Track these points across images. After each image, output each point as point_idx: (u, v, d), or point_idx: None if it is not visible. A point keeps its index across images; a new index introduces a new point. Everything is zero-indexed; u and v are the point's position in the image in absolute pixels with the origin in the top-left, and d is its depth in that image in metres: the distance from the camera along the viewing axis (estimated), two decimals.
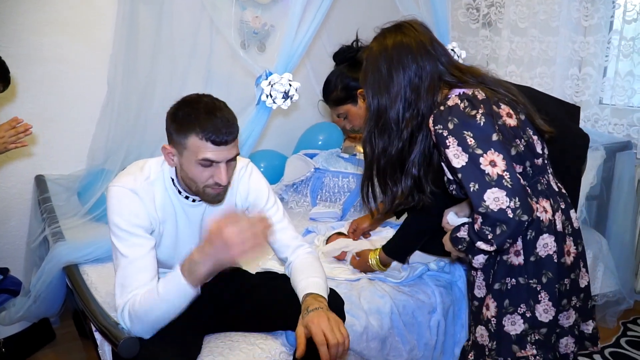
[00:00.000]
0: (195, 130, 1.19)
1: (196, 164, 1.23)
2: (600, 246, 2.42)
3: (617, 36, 2.44)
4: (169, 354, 1.19)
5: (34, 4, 2.25)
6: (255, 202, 1.47)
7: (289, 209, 2.65)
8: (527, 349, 1.24)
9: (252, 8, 2.78)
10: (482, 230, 1.12)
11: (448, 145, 1.15)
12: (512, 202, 1.08)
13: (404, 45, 1.28)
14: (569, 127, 1.68)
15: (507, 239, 1.11)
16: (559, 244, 1.24)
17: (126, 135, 2.31)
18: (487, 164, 1.11)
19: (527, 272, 1.24)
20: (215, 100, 1.27)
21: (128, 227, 1.26)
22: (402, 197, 1.34)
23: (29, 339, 2.15)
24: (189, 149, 1.22)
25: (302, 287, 1.35)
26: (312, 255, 1.48)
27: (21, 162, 2.35)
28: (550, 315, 1.24)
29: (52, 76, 2.35)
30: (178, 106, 1.26)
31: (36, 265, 2.06)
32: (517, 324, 1.25)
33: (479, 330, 1.33)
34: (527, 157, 1.22)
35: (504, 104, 1.22)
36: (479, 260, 1.22)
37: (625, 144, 2.48)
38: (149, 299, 1.19)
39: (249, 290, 1.51)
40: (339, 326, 1.21)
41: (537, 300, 1.24)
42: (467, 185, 1.13)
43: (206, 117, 1.20)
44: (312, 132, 3.03)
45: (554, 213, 1.24)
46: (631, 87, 2.46)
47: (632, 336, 2.36)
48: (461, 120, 1.15)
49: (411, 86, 1.26)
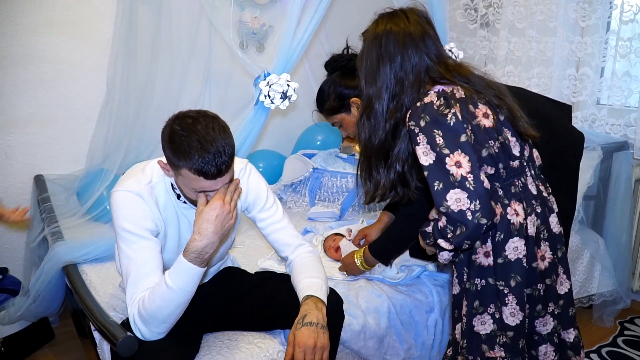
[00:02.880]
0: (188, 165, 1.16)
1: (191, 190, 1.24)
2: (597, 246, 2.43)
3: (614, 37, 2.45)
4: (167, 353, 1.20)
5: (32, 3, 2.26)
6: (254, 202, 1.48)
7: (287, 209, 2.66)
8: (495, 350, 1.23)
9: (250, 8, 2.79)
10: (445, 228, 1.13)
11: (418, 142, 1.16)
12: (473, 205, 1.08)
13: (392, 35, 1.27)
14: (564, 126, 1.69)
15: (465, 240, 1.12)
16: (529, 248, 1.22)
17: (125, 135, 2.31)
18: (453, 164, 1.11)
19: (495, 273, 1.23)
20: (210, 125, 1.19)
21: (136, 230, 1.26)
22: (384, 188, 1.34)
23: (28, 339, 2.16)
24: (183, 176, 1.20)
25: (302, 286, 1.36)
26: (313, 255, 1.49)
27: (20, 162, 2.35)
28: (517, 319, 1.22)
29: (51, 76, 2.36)
30: (172, 131, 1.19)
31: (35, 265, 2.06)
32: (486, 323, 1.24)
33: (457, 328, 1.33)
34: (500, 159, 1.21)
35: (482, 103, 1.21)
36: (444, 257, 1.22)
37: (622, 144, 2.49)
38: (157, 293, 1.19)
39: (247, 289, 1.52)
40: (323, 352, 1.24)
41: (504, 302, 1.22)
42: (431, 184, 1.14)
43: (200, 152, 1.15)
44: (311, 132, 3.04)
45: (526, 217, 1.22)
46: (628, 88, 2.46)
47: (629, 335, 2.37)
48: (432, 118, 1.15)
49: (396, 78, 1.26)
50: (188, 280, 1.20)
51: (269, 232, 1.50)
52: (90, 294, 1.58)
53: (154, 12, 2.32)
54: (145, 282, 1.23)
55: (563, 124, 1.69)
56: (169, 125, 1.21)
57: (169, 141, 1.19)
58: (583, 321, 2.48)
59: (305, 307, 1.29)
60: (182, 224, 1.38)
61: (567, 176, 1.63)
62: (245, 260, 1.93)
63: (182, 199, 1.36)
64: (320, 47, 2.98)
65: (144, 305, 1.20)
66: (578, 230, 2.40)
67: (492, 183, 1.21)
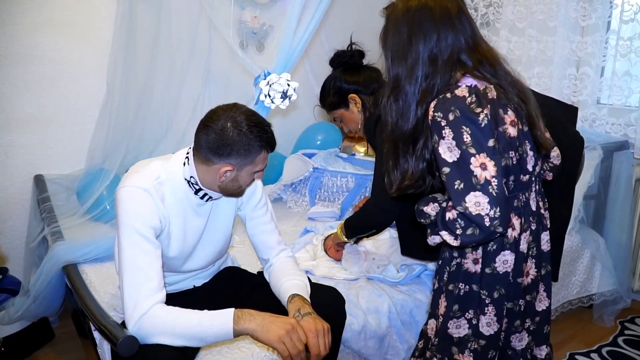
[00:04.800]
0: (259, 144, 1.27)
1: (252, 174, 1.33)
2: (597, 245, 2.43)
3: (615, 36, 2.45)
4: (168, 352, 1.19)
5: (32, 3, 2.26)
6: (249, 199, 1.49)
7: (287, 209, 2.66)
8: (464, 355, 1.21)
9: (250, 8, 2.78)
10: (454, 222, 1.07)
11: (443, 136, 1.09)
12: (492, 211, 1.04)
13: (428, 10, 1.16)
14: (565, 128, 1.69)
15: (473, 242, 1.08)
16: (517, 264, 1.19)
17: (125, 135, 2.31)
18: (478, 165, 1.05)
19: (480, 281, 1.20)
20: (242, 109, 1.29)
21: (141, 229, 1.24)
22: (411, 177, 1.21)
23: (28, 338, 2.16)
24: (255, 163, 1.30)
25: (288, 286, 1.39)
26: (293, 259, 1.54)
27: (20, 161, 2.35)
28: (492, 329, 1.20)
29: (51, 76, 2.35)
30: (224, 133, 1.24)
31: (35, 265, 2.06)
32: (461, 327, 1.22)
33: (430, 323, 1.31)
34: (514, 172, 1.16)
35: (511, 109, 1.15)
36: (434, 240, 1.18)
37: (623, 144, 2.49)
38: (184, 320, 1.19)
39: (249, 289, 1.52)
40: (329, 334, 1.27)
41: (484, 312, 1.20)
42: (451, 182, 1.07)
43: (258, 129, 1.26)
44: (311, 131, 3.04)
45: (521, 232, 1.19)
46: (628, 87, 2.46)
47: (630, 335, 2.37)
48: (463, 113, 1.08)
49: (430, 57, 1.16)
50: (213, 329, 1.20)
51: (256, 232, 1.52)
52: (91, 294, 1.58)
53: (154, 12, 2.32)
54: (145, 286, 1.21)
55: (566, 129, 1.69)
56: (230, 130, 1.24)
57: (238, 137, 1.24)
58: (583, 321, 2.48)
59: (296, 303, 1.32)
60: (188, 215, 1.38)
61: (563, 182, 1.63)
62: (246, 259, 1.93)
63: (201, 193, 1.35)
64: (320, 46, 2.98)
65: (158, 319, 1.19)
66: (578, 229, 2.40)
67: None
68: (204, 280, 1.55)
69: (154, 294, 1.21)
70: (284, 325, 1.19)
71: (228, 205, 1.46)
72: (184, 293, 1.51)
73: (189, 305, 1.26)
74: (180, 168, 1.34)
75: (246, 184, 1.36)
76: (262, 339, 1.19)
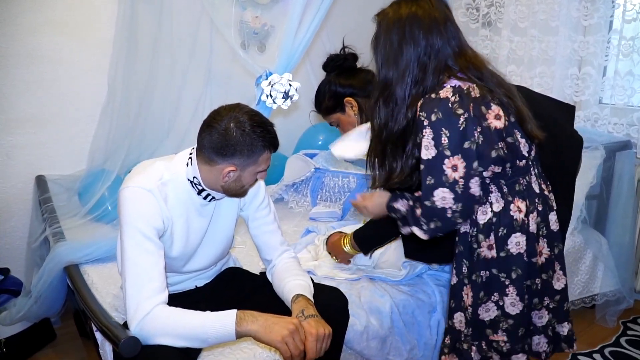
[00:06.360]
0: (262, 144, 1.27)
1: (255, 174, 1.33)
2: (600, 245, 2.43)
3: (617, 36, 2.44)
4: (170, 353, 1.19)
5: (32, 3, 2.25)
6: (251, 200, 1.49)
7: (289, 209, 2.66)
8: (498, 334, 1.30)
9: (252, 8, 2.78)
10: (419, 219, 1.24)
11: (424, 135, 1.19)
12: (455, 206, 1.19)
13: (417, 18, 1.25)
14: (563, 128, 1.68)
15: (438, 233, 1.24)
16: (529, 244, 1.27)
17: (126, 136, 2.31)
18: (450, 166, 1.18)
19: (498, 265, 1.28)
20: (244, 110, 1.29)
21: (145, 229, 1.24)
22: (400, 175, 1.32)
23: (30, 339, 2.16)
24: (258, 163, 1.30)
25: (292, 286, 1.38)
26: (296, 259, 1.53)
27: (21, 162, 2.35)
28: (517, 308, 1.28)
29: (52, 76, 2.35)
30: (228, 134, 1.24)
31: (37, 266, 2.06)
32: (490, 310, 1.30)
33: (457, 317, 1.37)
34: (508, 159, 1.25)
35: (495, 104, 1.23)
36: (406, 230, 1.32)
37: (625, 144, 2.48)
38: (186, 321, 1.19)
39: (251, 290, 1.52)
40: (329, 339, 1.27)
41: (505, 293, 1.28)
42: (424, 177, 1.21)
43: (261, 129, 1.26)
44: (312, 132, 3.03)
45: (528, 214, 1.27)
46: (631, 87, 2.46)
47: (632, 335, 2.36)
48: (444, 116, 1.17)
49: (419, 63, 1.25)
50: (215, 331, 1.19)
51: (259, 232, 1.52)
52: (92, 295, 1.57)
53: (155, 12, 2.32)
54: (147, 287, 1.21)
55: (564, 128, 1.68)
56: (233, 130, 1.23)
57: (242, 138, 1.24)
58: (586, 321, 2.47)
59: (300, 303, 1.31)
60: (191, 216, 1.37)
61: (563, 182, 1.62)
62: (248, 260, 1.93)
63: (205, 193, 1.35)
64: (322, 46, 2.98)
65: (160, 320, 1.19)
66: (581, 229, 2.39)
67: (498, 180, 1.27)
68: (205, 280, 1.55)
69: (156, 295, 1.21)
70: (287, 326, 1.19)
71: (231, 206, 1.46)
72: (185, 293, 1.51)
73: (190, 305, 1.26)
74: (183, 168, 1.33)
75: (249, 184, 1.36)
76: (265, 340, 1.19)
